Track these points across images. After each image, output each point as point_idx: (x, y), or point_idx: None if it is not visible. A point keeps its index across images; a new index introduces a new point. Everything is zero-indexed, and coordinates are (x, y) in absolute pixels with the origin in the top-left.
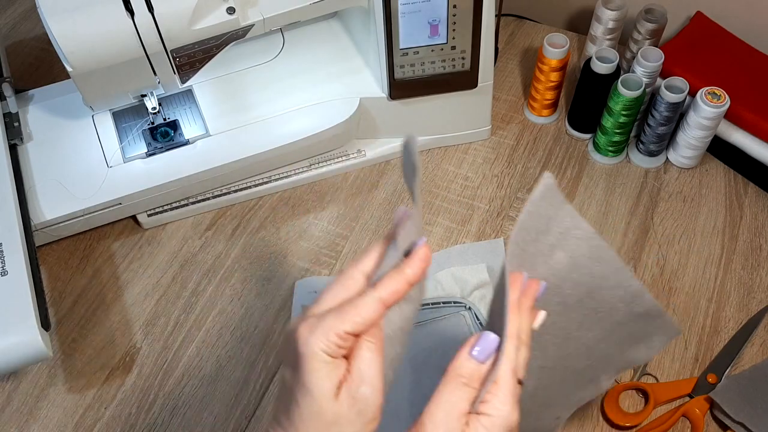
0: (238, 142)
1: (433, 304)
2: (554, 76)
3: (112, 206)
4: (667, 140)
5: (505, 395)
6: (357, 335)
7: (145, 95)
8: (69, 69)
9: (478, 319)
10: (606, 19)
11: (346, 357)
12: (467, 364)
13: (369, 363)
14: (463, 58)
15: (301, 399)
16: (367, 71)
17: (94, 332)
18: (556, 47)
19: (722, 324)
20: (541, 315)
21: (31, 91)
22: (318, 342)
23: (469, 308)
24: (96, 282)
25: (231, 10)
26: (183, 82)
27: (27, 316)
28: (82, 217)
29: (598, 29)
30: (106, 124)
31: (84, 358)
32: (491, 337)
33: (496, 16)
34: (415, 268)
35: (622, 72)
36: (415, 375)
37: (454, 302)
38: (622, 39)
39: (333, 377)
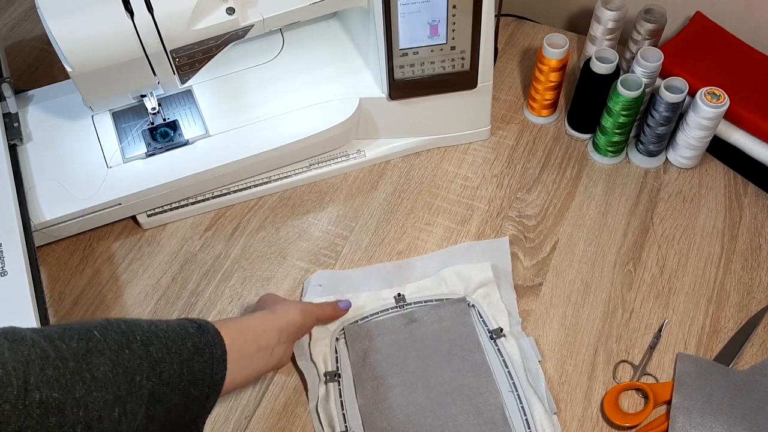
0: (238, 143)
1: (437, 300)
2: (554, 77)
3: (112, 207)
4: (667, 140)
5: None
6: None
7: (144, 95)
8: (69, 69)
9: (481, 317)
10: (605, 19)
11: None
12: None
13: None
14: (462, 59)
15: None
16: (367, 71)
17: None
18: (555, 47)
19: (722, 324)
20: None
21: (30, 92)
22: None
23: (473, 306)
24: (96, 282)
25: (230, 11)
26: (183, 82)
27: (26, 317)
28: (81, 218)
29: (597, 29)
30: (106, 124)
31: None
32: None
33: (495, 16)
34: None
35: (621, 72)
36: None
37: (458, 299)
38: (622, 39)
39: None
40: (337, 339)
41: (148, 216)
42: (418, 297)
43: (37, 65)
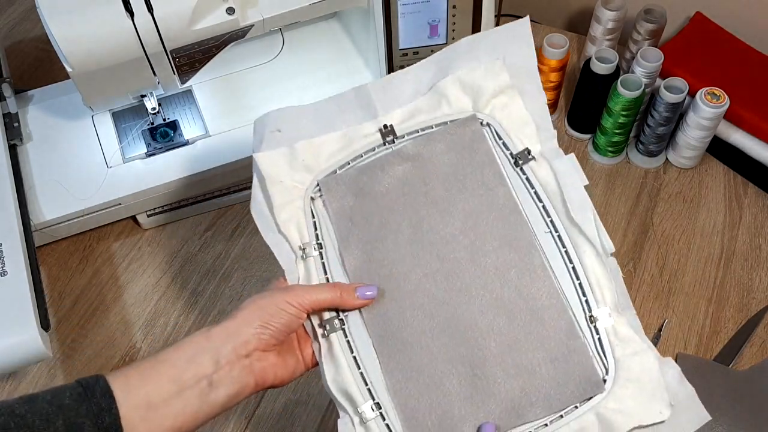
0: (238, 143)
1: (437, 126)
2: (554, 77)
3: (112, 206)
4: (667, 140)
5: None
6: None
7: (144, 95)
8: (69, 69)
9: (500, 138)
10: (605, 19)
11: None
12: None
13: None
14: None
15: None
16: (367, 72)
17: (93, 332)
18: (555, 47)
19: (722, 324)
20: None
21: (30, 92)
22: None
23: (487, 124)
24: (96, 282)
25: (231, 11)
26: (183, 82)
27: (27, 317)
28: (81, 218)
29: (597, 30)
30: (106, 124)
31: (84, 359)
32: None
33: (495, 16)
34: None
35: (621, 72)
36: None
37: (466, 119)
38: (622, 39)
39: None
40: (312, 199)
41: (148, 216)
42: (412, 125)
43: (37, 65)
